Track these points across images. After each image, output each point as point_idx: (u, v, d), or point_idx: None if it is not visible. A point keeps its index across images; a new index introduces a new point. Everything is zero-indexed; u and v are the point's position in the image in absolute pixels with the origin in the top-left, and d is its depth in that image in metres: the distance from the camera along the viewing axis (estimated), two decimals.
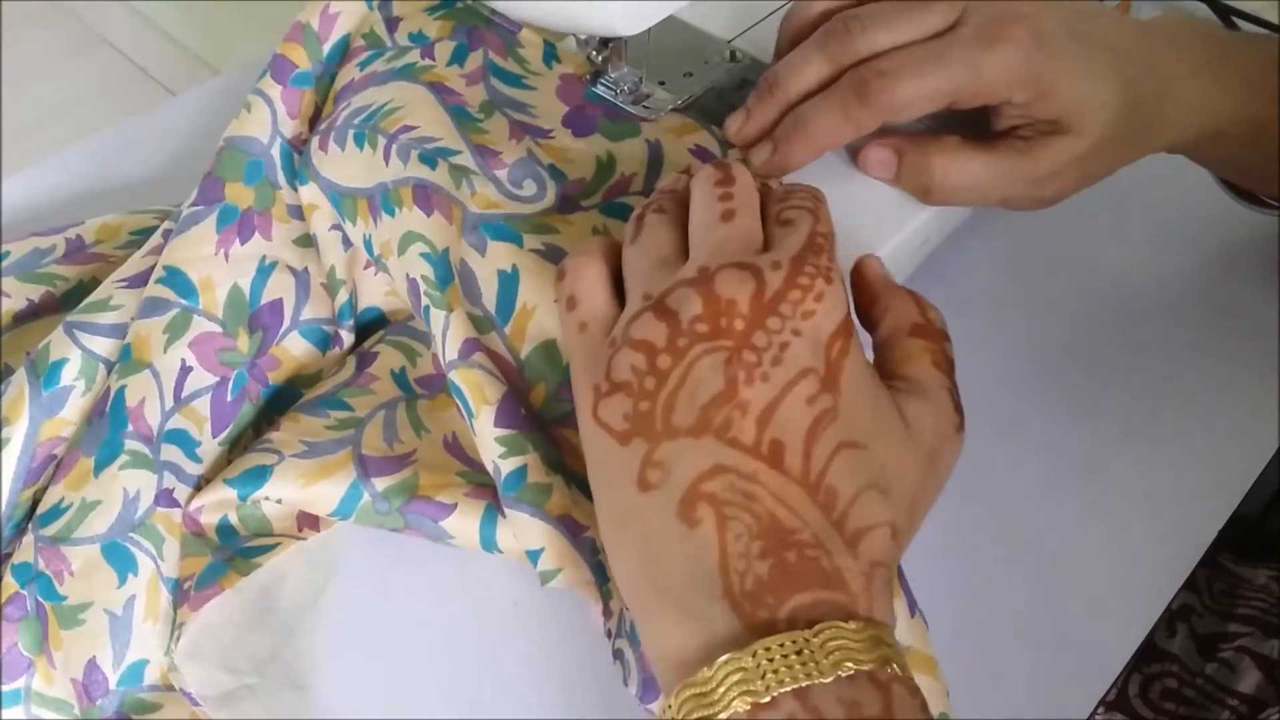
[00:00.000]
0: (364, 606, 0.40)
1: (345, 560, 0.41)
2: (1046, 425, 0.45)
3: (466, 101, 0.42)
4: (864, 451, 0.30)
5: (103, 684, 0.38)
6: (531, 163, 0.40)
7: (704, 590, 0.28)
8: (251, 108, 0.46)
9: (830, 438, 0.29)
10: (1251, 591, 0.48)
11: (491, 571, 0.40)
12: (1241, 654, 0.46)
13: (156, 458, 0.40)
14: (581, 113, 0.43)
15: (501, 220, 0.39)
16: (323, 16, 0.46)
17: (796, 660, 0.26)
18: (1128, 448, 0.45)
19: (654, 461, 0.30)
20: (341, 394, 0.42)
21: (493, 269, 0.38)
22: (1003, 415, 0.46)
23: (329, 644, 0.39)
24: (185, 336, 0.42)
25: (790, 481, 0.29)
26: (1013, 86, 0.38)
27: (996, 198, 0.41)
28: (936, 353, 0.33)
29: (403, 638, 0.39)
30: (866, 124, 0.39)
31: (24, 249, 0.47)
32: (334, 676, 0.38)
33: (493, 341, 0.38)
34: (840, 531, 0.29)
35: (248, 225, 0.44)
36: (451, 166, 0.40)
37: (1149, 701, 0.46)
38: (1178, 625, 0.48)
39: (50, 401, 0.40)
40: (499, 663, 0.39)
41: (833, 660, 0.26)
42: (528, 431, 0.37)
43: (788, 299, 0.30)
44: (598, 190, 0.40)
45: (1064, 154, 0.39)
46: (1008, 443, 0.45)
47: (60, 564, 0.38)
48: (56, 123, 1.70)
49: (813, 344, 0.30)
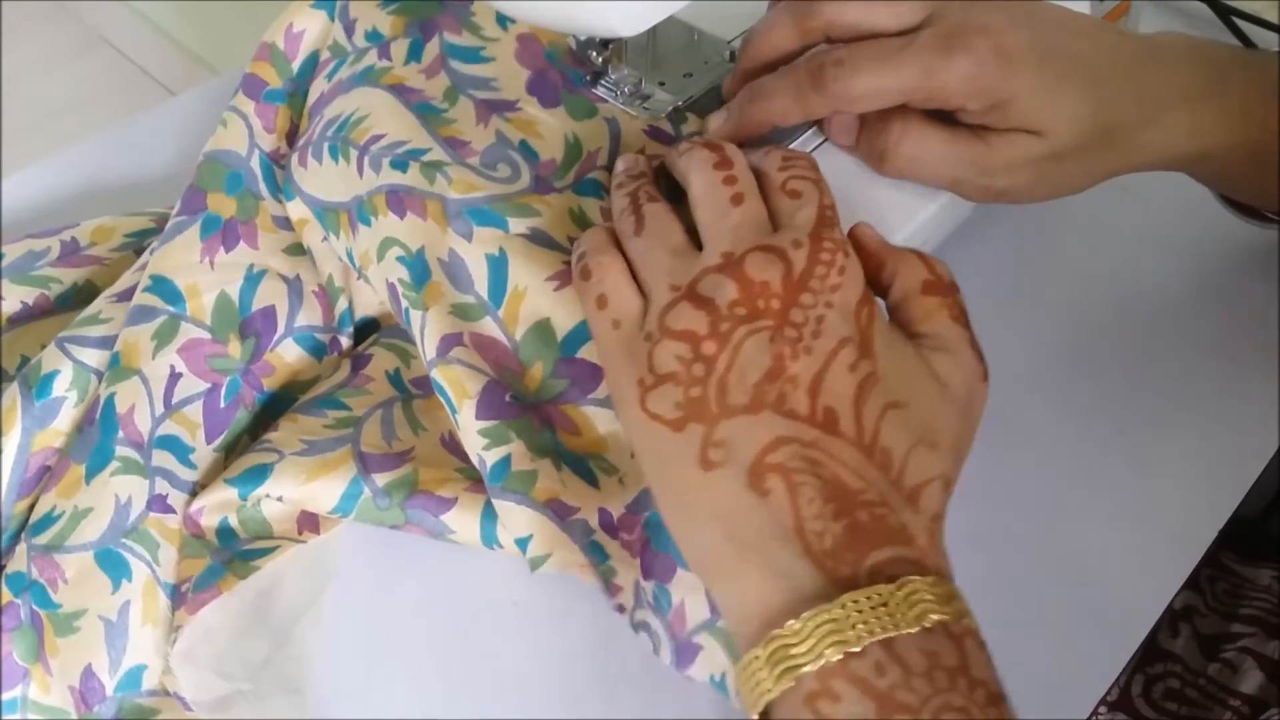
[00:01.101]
0: (361, 611, 0.40)
1: (343, 564, 0.41)
2: (1047, 425, 0.45)
3: (429, 95, 0.43)
4: (907, 410, 0.31)
5: (99, 691, 0.38)
6: (502, 146, 0.41)
7: (787, 551, 0.30)
8: (227, 124, 0.46)
9: (876, 400, 0.31)
10: (1255, 592, 0.48)
11: (491, 573, 0.40)
12: (1244, 654, 0.46)
13: (148, 464, 0.40)
14: (544, 78, 0.43)
15: (484, 204, 0.39)
16: (287, 35, 0.47)
17: (884, 612, 0.28)
18: (1128, 448, 0.45)
19: (714, 442, 0.31)
20: (338, 394, 0.43)
21: (480, 254, 0.38)
22: (1003, 415, 0.45)
23: (324, 649, 0.39)
24: (173, 343, 0.42)
25: (848, 445, 0.30)
26: (966, 97, 0.38)
27: (947, 177, 0.41)
28: (952, 306, 0.35)
29: (399, 642, 0.39)
30: (817, 109, 0.39)
31: (18, 251, 0.47)
32: (328, 682, 0.38)
33: (486, 326, 0.39)
34: (899, 489, 0.30)
35: (232, 234, 0.44)
36: (423, 165, 0.40)
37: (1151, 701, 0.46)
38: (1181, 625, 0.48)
39: (43, 412, 0.40)
40: (498, 664, 0.39)
41: (916, 613, 0.28)
42: (511, 419, 0.38)
43: (815, 275, 0.32)
44: (568, 171, 0.41)
45: (1020, 151, 0.39)
46: (1008, 443, 0.45)
47: (54, 572, 0.38)
48: (56, 123, 1.70)
49: (843, 314, 0.32)
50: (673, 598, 0.36)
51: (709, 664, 0.36)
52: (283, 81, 0.47)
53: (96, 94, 1.79)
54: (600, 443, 0.38)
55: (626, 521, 0.37)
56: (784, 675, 0.28)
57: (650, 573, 0.36)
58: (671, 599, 0.36)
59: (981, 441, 0.44)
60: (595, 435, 0.38)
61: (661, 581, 0.36)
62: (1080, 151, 0.40)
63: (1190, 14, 0.64)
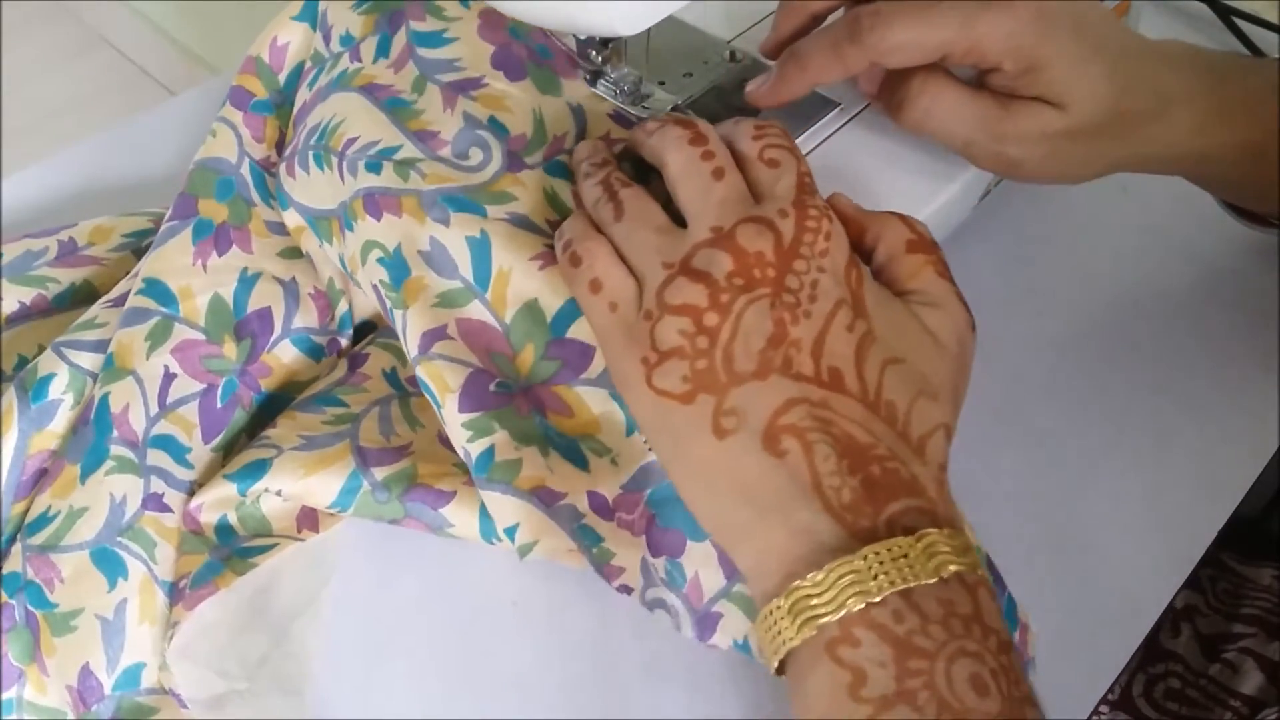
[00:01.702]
0: (359, 609, 0.40)
1: (342, 562, 0.41)
2: (1046, 424, 0.45)
3: (398, 89, 0.43)
4: (905, 364, 0.32)
5: (97, 689, 0.38)
6: (471, 129, 0.41)
7: (807, 508, 0.30)
8: (216, 133, 0.47)
9: (875, 357, 0.32)
10: (1256, 591, 0.48)
11: (489, 571, 0.40)
12: (1244, 655, 0.46)
13: (142, 462, 0.40)
14: (509, 52, 0.43)
15: (460, 193, 0.39)
16: (272, 48, 0.48)
17: (904, 563, 0.29)
18: (1128, 448, 0.45)
19: (726, 410, 0.32)
20: (336, 392, 0.43)
21: (461, 236, 0.39)
22: (1003, 415, 0.46)
23: (322, 647, 0.39)
24: (167, 343, 0.42)
25: (855, 402, 0.31)
26: (1003, 54, 0.38)
27: (961, 137, 0.40)
28: (936, 263, 0.35)
29: (398, 640, 0.39)
30: (855, 62, 0.39)
31: (17, 251, 0.47)
32: (326, 680, 0.38)
33: (475, 310, 0.39)
34: (907, 441, 0.31)
35: (224, 238, 0.45)
36: (396, 164, 0.40)
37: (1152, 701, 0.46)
38: (1182, 625, 0.48)
39: (39, 414, 0.41)
40: (497, 663, 0.39)
41: (935, 564, 0.29)
42: (495, 408, 0.38)
43: (804, 242, 0.33)
44: (539, 148, 0.41)
45: (1039, 122, 0.39)
46: (1007, 442, 0.45)
47: (50, 572, 0.38)
48: (56, 123, 1.70)
49: (835, 277, 0.33)
50: (686, 571, 0.36)
51: (731, 630, 0.36)
52: (269, 93, 0.48)
53: (96, 94, 1.79)
54: (593, 424, 0.38)
55: (624, 501, 0.37)
56: (806, 624, 0.29)
57: (660, 549, 0.37)
58: (685, 573, 0.36)
59: (981, 440, 0.44)
60: (588, 416, 0.38)
61: (673, 556, 0.36)
62: (1095, 132, 0.39)
63: (1190, 14, 0.64)
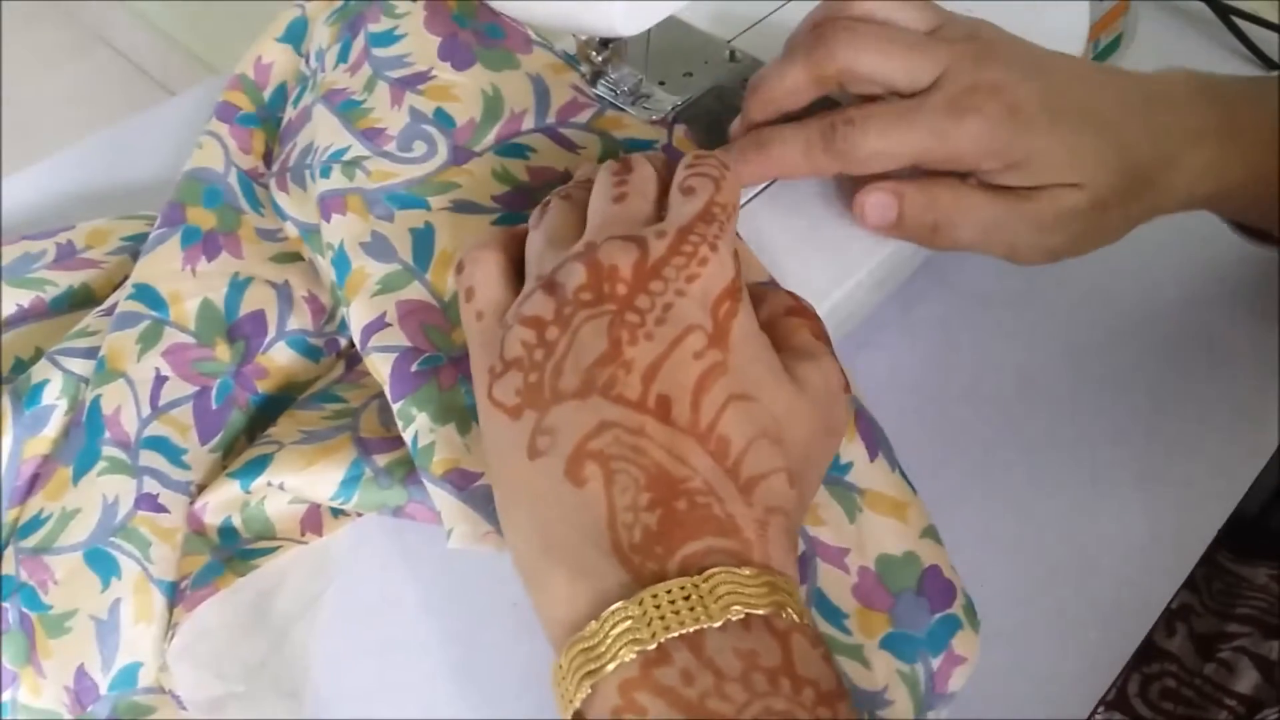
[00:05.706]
0: (359, 613, 0.40)
1: (343, 567, 0.41)
2: (1045, 425, 0.45)
3: (351, 91, 0.43)
4: (755, 403, 0.30)
5: (93, 690, 0.38)
6: (416, 122, 0.41)
7: (594, 547, 0.28)
8: (203, 145, 0.47)
9: (720, 390, 0.30)
10: (1251, 591, 0.48)
11: (490, 574, 0.40)
12: (1240, 654, 0.46)
13: (135, 463, 0.40)
14: (455, 41, 0.43)
15: (402, 189, 0.39)
16: (257, 67, 0.49)
17: (684, 605, 0.26)
18: (1127, 447, 0.45)
19: (543, 429, 0.30)
20: (334, 389, 0.43)
21: (404, 229, 0.39)
22: (1002, 416, 0.46)
23: (322, 651, 0.39)
24: (158, 346, 0.42)
25: (679, 433, 0.29)
26: (979, 157, 0.38)
27: (1003, 243, 0.40)
28: (815, 328, 0.34)
29: (398, 644, 0.39)
30: (824, 168, 0.39)
31: (15, 253, 0.47)
32: (325, 684, 0.38)
33: (413, 291, 0.39)
34: (734, 479, 0.29)
35: (212, 244, 0.45)
36: (343, 165, 0.41)
37: (1148, 701, 0.46)
38: (1177, 625, 0.48)
39: (33, 420, 0.41)
40: (498, 666, 0.39)
41: (722, 604, 0.26)
42: (416, 389, 0.37)
43: (671, 264, 0.31)
44: (489, 131, 0.41)
45: (1067, 204, 0.39)
46: (1006, 443, 0.45)
47: (44, 574, 0.38)
48: (56, 123, 1.70)
49: (700, 303, 0.31)
50: None
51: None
52: (255, 107, 0.48)
53: (96, 94, 1.79)
54: None
55: None
56: (583, 681, 0.26)
57: None
58: None
59: (980, 442, 0.44)
60: None
61: None
62: (1120, 196, 0.39)
63: (1190, 14, 0.64)
